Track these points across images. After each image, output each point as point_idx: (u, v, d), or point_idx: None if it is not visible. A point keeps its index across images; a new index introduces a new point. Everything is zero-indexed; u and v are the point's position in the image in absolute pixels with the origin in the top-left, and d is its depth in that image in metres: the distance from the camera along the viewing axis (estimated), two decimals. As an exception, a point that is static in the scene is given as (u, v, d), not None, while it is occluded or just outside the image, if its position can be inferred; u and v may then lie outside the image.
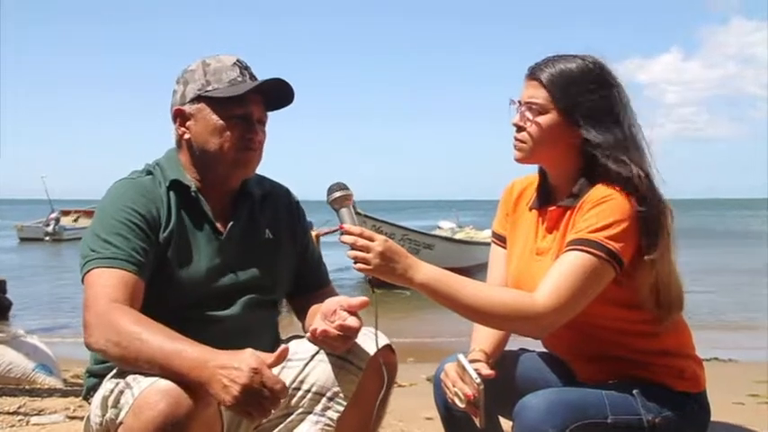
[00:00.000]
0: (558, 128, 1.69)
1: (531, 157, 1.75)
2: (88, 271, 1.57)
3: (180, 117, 1.76)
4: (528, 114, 1.71)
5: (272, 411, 1.41)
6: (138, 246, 1.61)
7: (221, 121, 1.71)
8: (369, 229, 1.59)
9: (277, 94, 1.77)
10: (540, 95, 1.70)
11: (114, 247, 1.58)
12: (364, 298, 1.65)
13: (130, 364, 1.44)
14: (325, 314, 1.67)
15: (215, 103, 1.71)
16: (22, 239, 26.88)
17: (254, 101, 1.74)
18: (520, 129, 1.73)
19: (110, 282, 1.54)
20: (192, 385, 1.38)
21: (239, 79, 1.73)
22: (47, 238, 25.72)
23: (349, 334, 1.63)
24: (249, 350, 1.40)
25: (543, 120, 1.70)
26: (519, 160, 1.77)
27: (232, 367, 1.36)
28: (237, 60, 1.77)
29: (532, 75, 1.73)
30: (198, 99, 1.73)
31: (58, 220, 26.65)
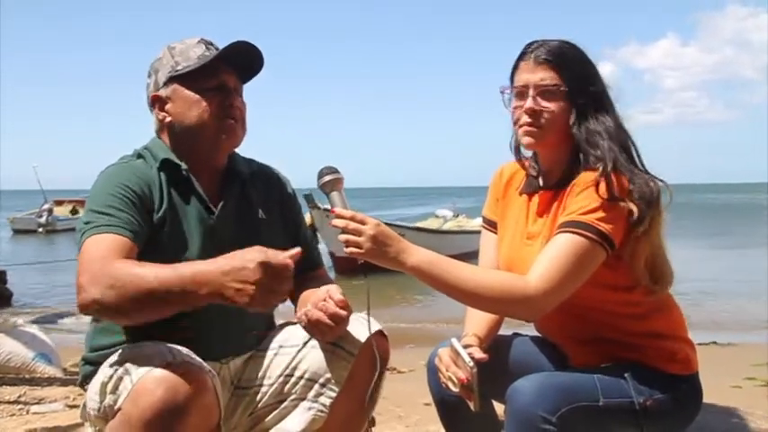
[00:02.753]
0: (567, 112, 1.68)
1: (541, 142, 1.72)
2: (83, 242, 1.54)
3: (157, 103, 1.77)
4: (539, 100, 1.68)
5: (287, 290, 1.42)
6: (133, 216, 1.59)
7: (197, 95, 1.72)
8: (332, 221, 1.59)
9: (246, 62, 1.77)
10: (550, 78, 1.67)
11: (108, 216, 1.57)
12: (343, 298, 1.66)
13: (130, 306, 1.40)
14: (315, 303, 1.67)
15: (187, 79, 1.72)
16: (15, 231, 26.73)
17: (225, 71, 1.74)
18: (533, 114, 1.69)
19: (103, 245, 1.51)
20: (207, 299, 1.38)
21: (207, 54, 1.74)
22: (40, 229, 25.37)
23: (336, 321, 1.63)
24: (253, 248, 1.40)
25: (557, 105, 1.68)
26: (529, 146, 1.75)
27: (237, 269, 1.37)
28: (202, 39, 1.77)
29: (538, 58, 1.69)
30: (170, 81, 1.74)
31: (50, 211, 26.35)
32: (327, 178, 1.64)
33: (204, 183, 1.76)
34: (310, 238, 1.98)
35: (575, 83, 1.68)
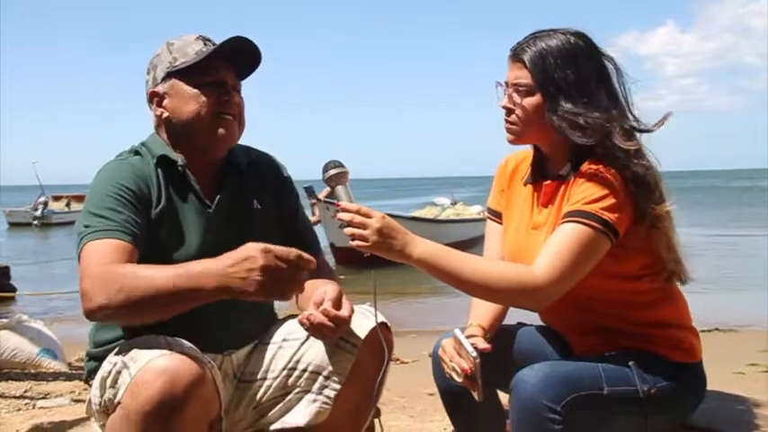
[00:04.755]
0: (540, 108, 1.68)
1: (523, 137, 1.76)
2: (83, 247, 1.55)
3: (155, 98, 1.78)
4: (515, 96, 1.71)
5: (300, 283, 1.41)
6: (131, 218, 1.60)
7: (195, 89, 1.72)
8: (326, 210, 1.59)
9: (244, 59, 1.78)
10: (524, 76, 1.69)
11: (107, 220, 1.57)
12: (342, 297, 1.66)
13: (138, 307, 1.42)
14: (317, 303, 1.66)
15: (185, 74, 1.73)
16: (12, 224, 27.10)
17: (223, 67, 1.75)
18: (509, 111, 1.73)
19: (104, 250, 1.52)
20: (214, 295, 1.39)
21: (204, 50, 1.74)
22: (35, 222, 26.03)
23: (338, 324, 1.62)
24: (250, 243, 1.41)
25: (530, 101, 1.69)
26: (512, 142, 1.78)
27: (241, 259, 1.37)
28: (200, 36, 1.78)
29: (515, 55, 1.71)
30: (168, 76, 1.75)
31: (46, 204, 27.02)
32: (333, 172, 1.65)
33: (202, 177, 1.77)
34: (307, 224, 1.98)
35: (547, 81, 1.66)
